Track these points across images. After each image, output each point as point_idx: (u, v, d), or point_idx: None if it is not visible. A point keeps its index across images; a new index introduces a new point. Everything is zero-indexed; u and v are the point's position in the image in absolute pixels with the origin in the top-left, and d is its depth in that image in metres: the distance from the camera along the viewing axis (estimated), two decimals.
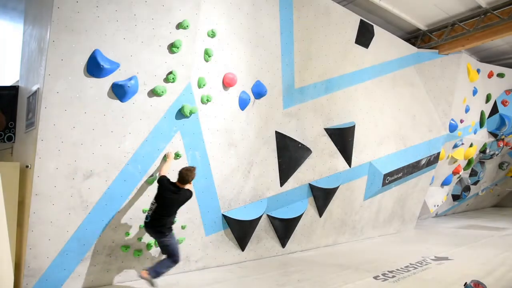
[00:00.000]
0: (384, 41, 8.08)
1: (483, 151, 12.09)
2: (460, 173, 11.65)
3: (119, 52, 4.56)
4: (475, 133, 11.08)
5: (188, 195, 4.71)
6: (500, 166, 14.03)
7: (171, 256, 4.69)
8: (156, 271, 4.57)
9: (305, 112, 6.75)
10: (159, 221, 4.58)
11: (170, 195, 4.58)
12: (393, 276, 5.48)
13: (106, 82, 4.50)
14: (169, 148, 5.09)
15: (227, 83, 5.56)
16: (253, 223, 6.13)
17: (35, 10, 5.06)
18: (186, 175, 4.66)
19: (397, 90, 8.60)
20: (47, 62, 4.16)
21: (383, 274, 5.57)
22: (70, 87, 4.29)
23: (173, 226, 5.24)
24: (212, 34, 5.31)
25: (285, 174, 6.58)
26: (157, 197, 4.63)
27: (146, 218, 4.64)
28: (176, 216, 4.76)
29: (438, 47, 9.17)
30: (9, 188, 4.46)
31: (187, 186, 4.76)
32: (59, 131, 4.29)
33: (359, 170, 7.85)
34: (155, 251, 5.21)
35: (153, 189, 5.02)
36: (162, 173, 4.81)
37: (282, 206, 6.63)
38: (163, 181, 4.68)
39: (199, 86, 5.27)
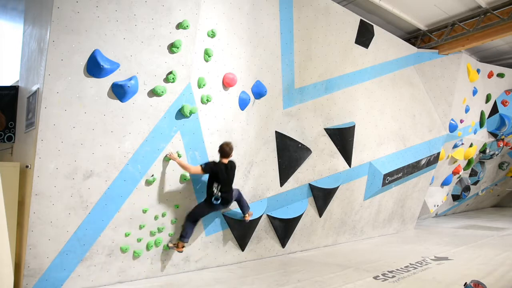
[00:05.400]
0: (384, 41, 8.08)
1: (483, 151, 12.08)
2: (460, 173, 11.65)
3: (119, 52, 4.56)
4: (475, 133, 11.08)
5: (234, 165, 5.48)
6: (500, 166, 14.03)
7: (242, 200, 5.72)
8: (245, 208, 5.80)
9: (305, 112, 6.75)
10: (227, 194, 5.34)
11: (225, 173, 5.26)
12: (393, 276, 5.48)
13: (106, 82, 4.51)
14: (169, 148, 5.09)
15: (227, 83, 5.56)
16: (253, 223, 6.13)
17: (35, 10, 5.05)
18: (230, 149, 5.33)
19: (397, 90, 8.60)
20: (47, 62, 4.16)
21: (383, 274, 5.57)
22: (70, 87, 4.30)
23: (173, 226, 5.32)
24: (212, 34, 5.31)
25: (285, 174, 6.58)
26: (216, 179, 5.21)
27: (216, 199, 5.21)
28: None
29: (438, 47, 9.17)
30: (9, 188, 4.46)
31: (227, 159, 5.37)
32: (59, 131, 4.29)
33: (359, 170, 7.85)
34: (155, 251, 5.21)
35: (153, 189, 5.03)
36: (192, 167, 5.16)
37: (282, 206, 6.63)
38: (211, 167, 5.20)
39: (199, 86, 5.27)
